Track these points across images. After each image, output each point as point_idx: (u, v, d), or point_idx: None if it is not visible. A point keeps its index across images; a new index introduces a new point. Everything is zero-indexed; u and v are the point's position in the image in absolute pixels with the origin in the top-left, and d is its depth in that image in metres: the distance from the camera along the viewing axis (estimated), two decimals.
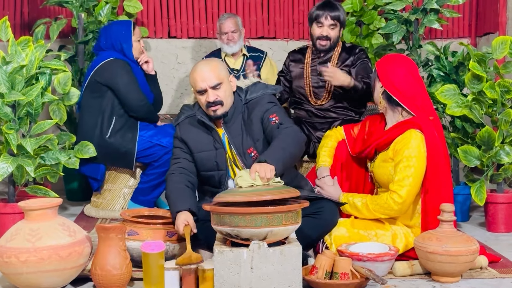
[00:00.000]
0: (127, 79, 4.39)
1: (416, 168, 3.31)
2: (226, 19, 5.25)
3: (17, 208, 3.81)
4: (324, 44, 4.37)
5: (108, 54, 4.47)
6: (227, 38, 5.21)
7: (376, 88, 3.51)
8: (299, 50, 4.61)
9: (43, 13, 5.76)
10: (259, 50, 5.44)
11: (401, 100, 3.43)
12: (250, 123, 3.45)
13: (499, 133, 4.01)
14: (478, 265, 3.30)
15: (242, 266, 2.81)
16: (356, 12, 5.67)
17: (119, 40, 4.49)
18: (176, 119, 3.57)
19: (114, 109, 4.41)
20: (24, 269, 2.86)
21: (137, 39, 4.54)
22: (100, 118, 4.39)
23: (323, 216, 3.31)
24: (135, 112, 4.43)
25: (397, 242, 3.37)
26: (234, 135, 3.44)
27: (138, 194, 4.47)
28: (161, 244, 3.01)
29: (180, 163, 3.48)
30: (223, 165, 3.45)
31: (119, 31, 4.52)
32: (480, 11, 6.11)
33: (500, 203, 4.12)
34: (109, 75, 4.38)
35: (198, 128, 3.49)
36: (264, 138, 3.43)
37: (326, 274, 3.03)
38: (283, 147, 3.21)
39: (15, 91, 3.81)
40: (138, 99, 4.41)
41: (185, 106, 3.63)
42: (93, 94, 4.43)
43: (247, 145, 3.43)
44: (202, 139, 3.47)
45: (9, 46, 3.94)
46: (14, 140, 3.82)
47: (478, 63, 4.06)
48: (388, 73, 3.46)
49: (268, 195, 2.82)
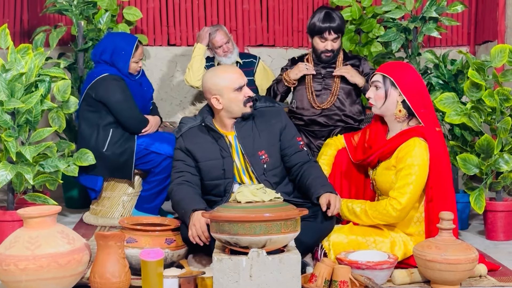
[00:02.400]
0: (120, 97, 4.34)
1: (417, 176, 3.31)
2: (216, 32, 5.14)
3: (16, 215, 3.80)
4: (328, 55, 4.42)
5: (102, 69, 4.42)
6: (223, 51, 5.14)
7: (392, 96, 3.45)
8: (299, 58, 4.63)
9: (42, 21, 5.76)
10: (251, 56, 5.40)
11: (417, 110, 3.42)
12: (264, 128, 3.53)
13: (498, 141, 4.02)
14: (477, 274, 3.30)
15: (241, 274, 2.81)
16: (355, 20, 5.68)
17: (117, 57, 4.43)
18: (178, 131, 3.57)
19: (110, 122, 4.39)
20: (23, 277, 2.86)
21: (136, 61, 4.49)
22: (96, 131, 4.37)
23: (319, 219, 3.31)
24: (129, 128, 4.41)
25: (395, 249, 3.37)
26: (245, 136, 3.50)
27: (142, 202, 4.46)
28: (160, 252, 3.00)
29: (184, 177, 3.48)
30: (230, 174, 3.47)
31: (120, 48, 4.44)
32: (479, 20, 6.12)
33: (499, 211, 4.12)
34: (102, 92, 4.34)
35: (203, 137, 3.51)
36: (279, 148, 3.54)
37: (325, 282, 3.03)
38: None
39: (15, 98, 3.82)
40: (131, 117, 4.38)
41: (185, 118, 3.65)
42: (89, 107, 4.41)
43: (258, 147, 3.50)
44: (208, 148, 3.49)
45: (8, 54, 3.94)
46: (13, 147, 3.82)
47: (477, 71, 4.06)
48: (407, 81, 3.43)
49: (266, 213, 2.81)
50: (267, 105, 3.65)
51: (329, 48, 4.39)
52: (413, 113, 3.42)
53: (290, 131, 3.60)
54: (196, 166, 3.51)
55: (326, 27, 4.33)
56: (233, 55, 5.19)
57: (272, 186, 3.45)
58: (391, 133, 3.52)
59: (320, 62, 4.47)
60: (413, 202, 3.35)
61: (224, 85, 3.46)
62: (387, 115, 3.50)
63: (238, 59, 5.25)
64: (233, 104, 3.48)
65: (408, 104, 3.41)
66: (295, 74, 4.45)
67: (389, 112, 3.47)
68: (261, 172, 3.48)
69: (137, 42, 4.50)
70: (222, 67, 3.69)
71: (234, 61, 5.20)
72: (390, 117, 3.49)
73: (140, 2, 6.03)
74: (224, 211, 2.88)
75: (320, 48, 4.41)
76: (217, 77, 3.49)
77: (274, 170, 3.52)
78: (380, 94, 3.47)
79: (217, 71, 3.54)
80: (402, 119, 3.46)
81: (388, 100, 3.45)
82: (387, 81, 3.46)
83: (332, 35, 4.35)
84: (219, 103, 3.48)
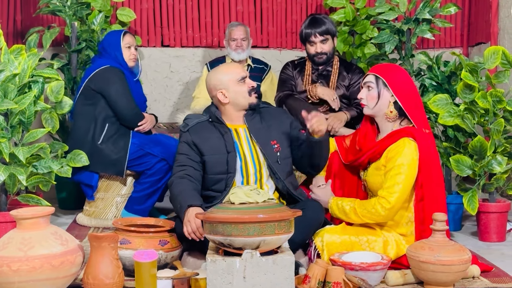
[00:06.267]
0: (119, 87, 4.41)
1: (406, 175, 3.33)
2: (237, 26, 5.29)
3: (9, 216, 3.80)
4: (320, 57, 4.55)
5: (103, 62, 4.51)
6: (236, 45, 5.22)
7: (384, 97, 3.46)
8: (299, 63, 4.71)
9: (36, 22, 5.75)
10: (263, 63, 5.46)
11: (408, 110, 3.43)
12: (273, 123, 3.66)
13: (491, 143, 4.03)
14: (471, 275, 3.31)
15: (235, 275, 2.81)
16: (349, 21, 5.69)
17: (112, 48, 4.55)
18: (184, 125, 3.64)
19: (107, 116, 4.42)
20: (16, 278, 2.85)
21: (126, 46, 4.57)
22: (93, 124, 4.40)
23: (307, 213, 3.30)
24: (125, 120, 4.44)
25: (388, 248, 3.38)
26: (256, 127, 3.62)
27: (133, 203, 4.46)
28: (153, 253, 3.00)
29: (187, 171, 3.52)
30: (232, 168, 3.51)
31: (110, 39, 4.60)
32: (472, 21, 6.14)
33: (492, 212, 4.13)
34: (102, 82, 4.41)
35: (210, 132, 3.60)
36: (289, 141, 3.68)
37: (319, 284, 3.03)
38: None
39: (8, 99, 3.81)
40: (128, 107, 4.42)
41: (190, 115, 3.73)
42: (87, 101, 4.44)
43: (270, 136, 3.62)
44: (214, 143, 3.56)
45: (1, 55, 3.94)
46: (7, 148, 3.81)
47: (470, 73, 4.08)
48: (399, 83, 3.44)
49: (260, 214, 2.81)
50: (270, 106, 3.83)
51: (318, 50, 4.53)
52: (404, 113, 3.44)
53: (297, 125, 3.74)
54: (200, 160, 3.57)
55: (310, 32, 4.51)
56: (244, 53, 5.25)
57: (285, 174, 3.57)
58: (382, 134, 3.53)
59: (316, 65, 4.57)
60: (402, 202, 3.36)
61: (228, 78, 3.59)
62: (378, 116, 3.51)
63: (249, 61, 5.32)
64: (238, 95, 3.58)
65: (399, 104, 3.43)
66: (322, 94, 4.47)
67: (381, 112, 3.49)
68: (274, 160, 3.57)
69: (124, 31, 4.64)
70: (223, 65, 3.82)
71: (243, 58, 5.26)
72: (382, 118, 3.50)
73: (134, 3, 6.03)
74: (218, 212, 2.88)
75: (311, 52, 4.56)
76: (220, 72, 3.63)
77: (286, 159, 3.63)
78: (372, 94, 3.48)
79: (218, 69, 3.68)
80: (393, 119, 3.48)
81: (380, 101, 3.46)
82: (380, 81, 3.47)
83: (318, 37, 4.49)
84: (225, 97, 3.58)
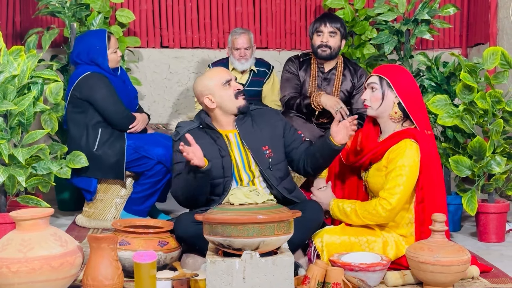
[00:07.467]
0: (105, 92, 4.34)
1: (408, 177, 3.33)
2: (240, 35, 5.09)
3: (8, 218, 3.79)
4: (324, 50, 4.48)
5: (84, 69, 4.40)
6: (239, 55, 5.07)
7: (388, 98, 3.45)
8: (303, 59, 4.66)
9: (35, 23, 5.75)
10: (266, 65, 5.29)
11: (411, 112, 3.43)
12: (265, 126, 3.61)
13: (490, 143, 4.03)
14: (470, 275, 3.31)
15: (234, 276, 2.81)
16: (348, 22, 5.69)
17: (94, 54, 4.42)
18: (176, 134, 3.58)
19: (98, 121, 4.38)
20: (16, 279, 2.85)
21: (113, 51, 4.48)
22: (85, 131, 4.37)
23: (306, 214, 3.30)
24: (116, 125, 4.41)
25: (388, 249, 3.38)
26: (247, 132, 3.57)
27: (132, 204, 4.45)
28: (153, 254, 3.00)
29: None
30: (228, 172, 3.49)
31: (93, 45, 4.44)
32: (471, 22, 6.14)
33: (491, 213, 4.13)
34: (87, 90, 4.34)
35: (202, 139, 3.51)
36: (283, 145, 3.63)
37: (318, 284, 3.03)
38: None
39: (7, 100, 3.81)
40: (117, 112, 4.38)
41: (181, 123, 3.67)
42: (75, 109, 4.40)
43: (261, 142, 3.56)
44: (208, 149, 3.49)
45: (1, 56, 3.93)
46: (6, 150, 3.81)
47: (469, 73, 4.08)
48: (403, 83, 3.44)
49: (259, 215, 2.82)
50: (262, 107, 3.77)
51: (324, 40, 4.46)
52: (408, 115, 3.44)
53: (291, 127, 3.71)
54: None
55: (322, 21, 4.48)
56: (247, 63, 5.12)
57: (277, 180, 3.51)
58: (384, 135, 3.52)
59: (319, 58, 4.53)
60: (403, 203, 3.36)
61: (213, 83, 3.56)
62: (382, 117, 3.49)
63: (253, 67, 5.19)
64: (224, 99, 3.54)
65: (403, 106, 3.42)
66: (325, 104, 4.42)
67: (385, 113, 3.47)
68: (266, 166, 3.53)
69: (107, 33, 4.50)
70: (208, 70, 3.80)
71: (247, 68, 5.14)
72: (385, 118, 3.49)
73: (133, 4, 6.03)
74: (217, 213, 2.88)
75: (317, 43, 4.49)
76: (205, 78, 3.61)
77: (279, 164, 3.57)
78: (377, 95, 3.47)
79: (203, 75, 3.66)
80: (397, 120, 3.47)
81: (384, 102, 3.45)
82: (384, 82, 3.46)
83: (328, 27, 4.45)
84: (212, 102, 3.55)
